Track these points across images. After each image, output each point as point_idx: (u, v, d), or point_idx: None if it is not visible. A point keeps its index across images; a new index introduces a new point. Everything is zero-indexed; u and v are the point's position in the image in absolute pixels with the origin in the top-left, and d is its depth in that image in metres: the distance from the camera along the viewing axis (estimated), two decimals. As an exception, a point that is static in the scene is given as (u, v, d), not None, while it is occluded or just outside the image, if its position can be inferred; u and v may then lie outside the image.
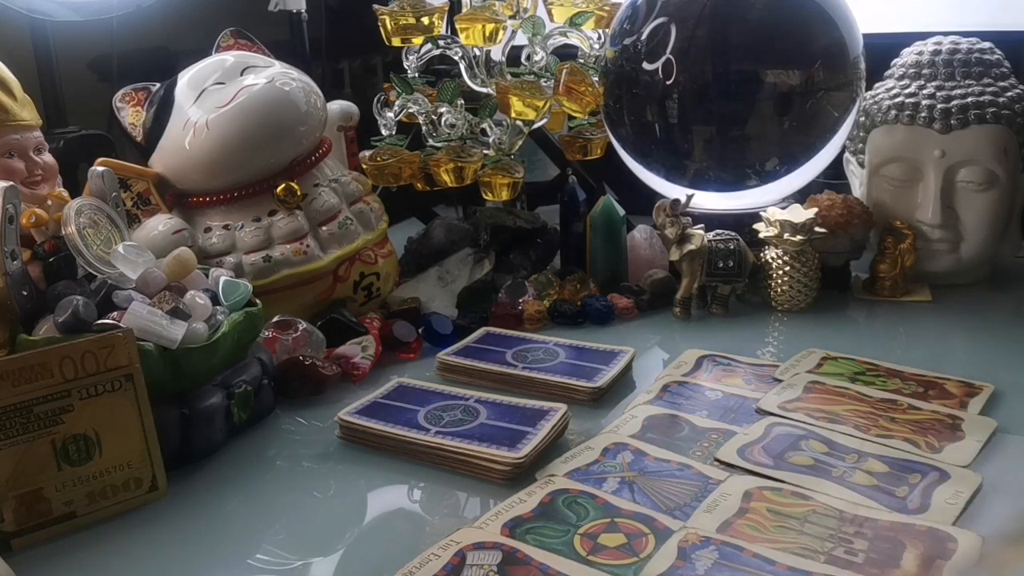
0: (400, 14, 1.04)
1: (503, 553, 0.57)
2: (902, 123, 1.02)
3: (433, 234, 1.11)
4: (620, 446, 0.71)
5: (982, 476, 0.65)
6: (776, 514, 0.62)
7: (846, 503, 0.63)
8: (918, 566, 0.56)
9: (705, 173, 1.07)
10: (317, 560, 0.60)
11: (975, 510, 0.62)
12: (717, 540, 0.59)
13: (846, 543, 0.58)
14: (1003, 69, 1.05)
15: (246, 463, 0.73)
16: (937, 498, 0.63)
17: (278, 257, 0.90)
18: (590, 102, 1.05)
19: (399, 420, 0.74)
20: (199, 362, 0.72)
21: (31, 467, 0.62)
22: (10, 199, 0.69)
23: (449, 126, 1.07)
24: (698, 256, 0.98)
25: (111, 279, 0.73)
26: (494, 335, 0.93)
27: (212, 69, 0.94)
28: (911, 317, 0.98)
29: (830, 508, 0.62)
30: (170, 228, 0.89)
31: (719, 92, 1.03)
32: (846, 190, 1.10)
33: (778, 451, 0.70)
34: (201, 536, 0.64)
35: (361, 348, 0.89)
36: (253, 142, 0.90)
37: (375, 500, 0.68)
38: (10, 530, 0.61)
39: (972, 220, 1.01)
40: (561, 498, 0.64)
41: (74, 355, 0.62)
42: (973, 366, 0.84)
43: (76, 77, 1.33)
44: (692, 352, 0.89)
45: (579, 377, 0.81)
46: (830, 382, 0.81)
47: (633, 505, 0.63)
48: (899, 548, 0.57)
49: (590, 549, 0.58)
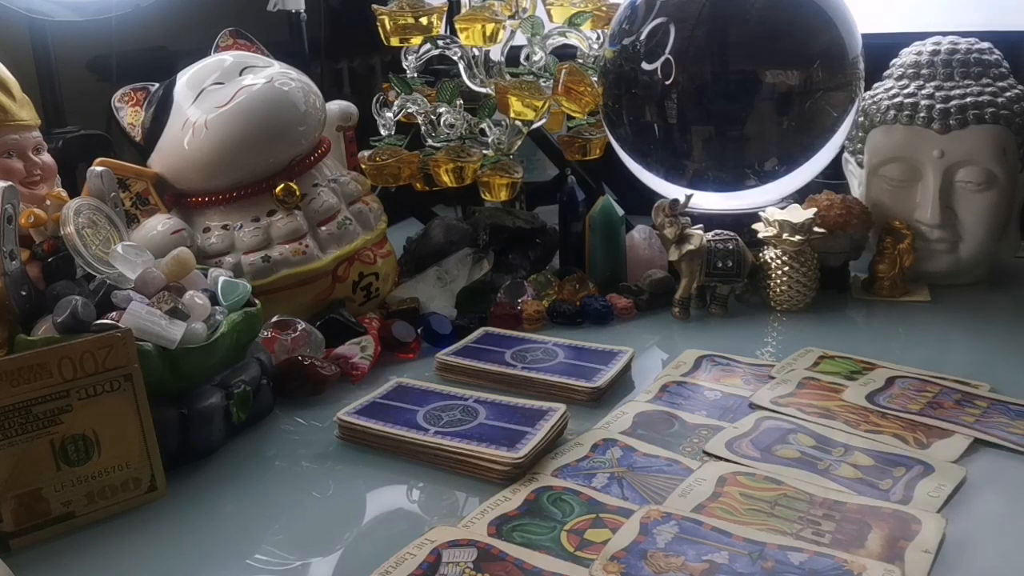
0: (399, 14, 1.04)
1: (478, 550, 0.58)
2: (901, 123, 1.02)
3: (432, 234, 1.11)
4: (609, 442, 0.72)
5: (966, 469, 0.66)
6: (748, 498, 0.63)
7: (817, 487, 0.64)
8: (882, 546, 0.57)
9: (704, 173, 1.07)
10: (316, 560, 0.60)
11: (957, 501, 0.63)
12: (677, 516, 0.60)
13: (814, 524, 0.60)
14: (1002, 69, 1.05)
15: (245, 463, 0.73)
16: (920, 491, 0.64)
17: (277, 257, 0.90)
18: (589, 102, 1.05)
19: (398, 420, 0.74)
20: (198, 362, 0.72)
21: (30, 467, 0.61)
22: (9, 199, 0.69)
23: (448, 126, 1.07)
24: (697, 256, 0.98)
25: (110, 279, 0.73)
26: (493, 335, 0.93)
27: (211, 69, 0.94)
28: (910, 317, 0.98)
29: (801, 492, 0.64)
30: (169, 228, 0.89)
31: (718, 92, 1.03)
32: (845, 190, 1.10)
33: (766, 444, 0.71)
34: (200, 536, 0.64)
35: (360, 348, 0.89)
36: (252, 142, 0.90)
37: (374, 500, 0.68)
38: (9, 530, 0.61)
39: (971, 220, 1.01)
40: (545, 495, 0.65)
41: (73, 355, 0.62)
42: (971, 366, 0.84)
43: (75, 77, 1.33)
44: (691, 352, 0.89)
45: (578, 377, 0.81)
46: (825, 379, 0.81)
47: (619, 500, 0.64)
48: (865, 529, 0.59)
49: (577, 545, 0.59)
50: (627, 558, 0.56)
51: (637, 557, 0.56)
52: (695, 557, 0.56)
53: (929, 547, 0.57)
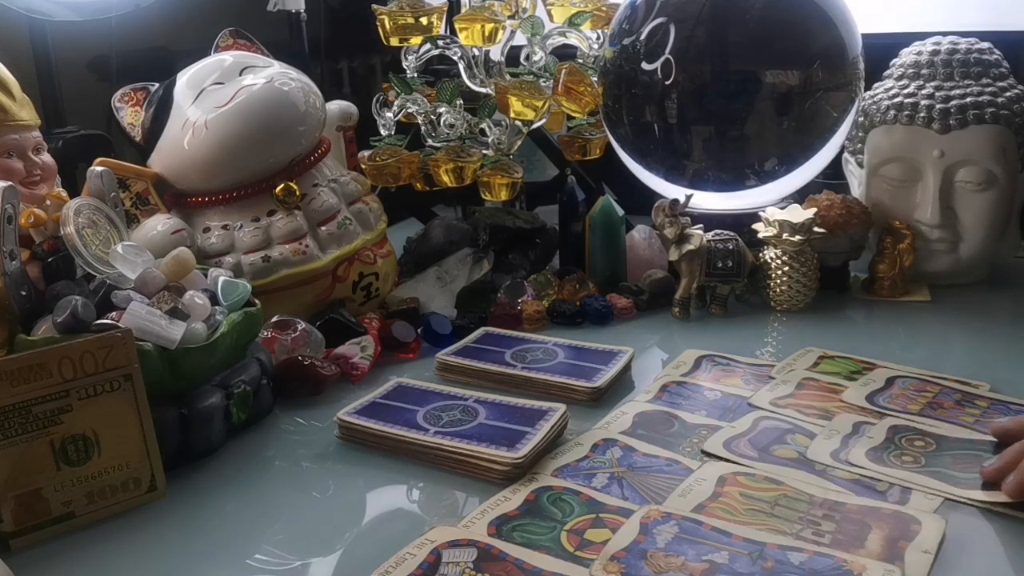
0: (399, 14, 1.04)
1: (478, 550, 0.58)
2: (901, 123, 1.02)
3: (432, 234, 1.11)
4: (609, 442, 0.72)
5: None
6: (748, 498, 0.63)
7: (817, 488, 0.64)
8: (882, 546, 0.57)
9: (704, 173, 1.07)
10: (316, 560, 0.60)
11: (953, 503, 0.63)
12: (678, 516, 0.60)
13: (814, 524, 0.60)
14: (1002, 69, 1.05)
15: (245, 463, 0.73)
16: (916, 492, 0.63)
17: (277, 257, 0.90)
18: (589, 102, 1.05)
19: (398, 420, 0.74)
20: (198, 362, 0.72)
21: (30, 467, 0.61)
22: (9, 199, 0.69)
23: (448, 126, 1.07)
24: (697, 256, 0.98)
25: (110, 279, 0.73)
26: (493, 335, 0.93)
27: (211, 69, 0.94)
28: (910, 317, 0.98)
29: (801, 492, 0.63)
30: (169, 228, 0.89)
31: (718, 92, 1.03)
32: (845, 190, 1.10)
33: (764, 444, 0.71)
34: (200, 536, 0.63)
35: (360, 348, 0.89)
36: (252, 142, 0.90)
37: (374, 500, 0.68)
38: (9, 530, 0.61)
39: (971, 220, 1.01)
40: (545, 495, 0.65)
41: (73, 355, 0.62)
42: (971, 366, 0.84)
43: (75, 77, 1.33)
44: (691, 352, 0.89)
45: (578, 377, 0.81)
46: (825, 379, 0.81)
47: (619, 500, 0.64)
48: (865, 529, 0.59)
49: (577, 545, 0.59)
50: (627, 558, 0.56)
51: (637, 557, 0.56)
52: (695, 557, 0.56)
53: (929, 547, 0.57)
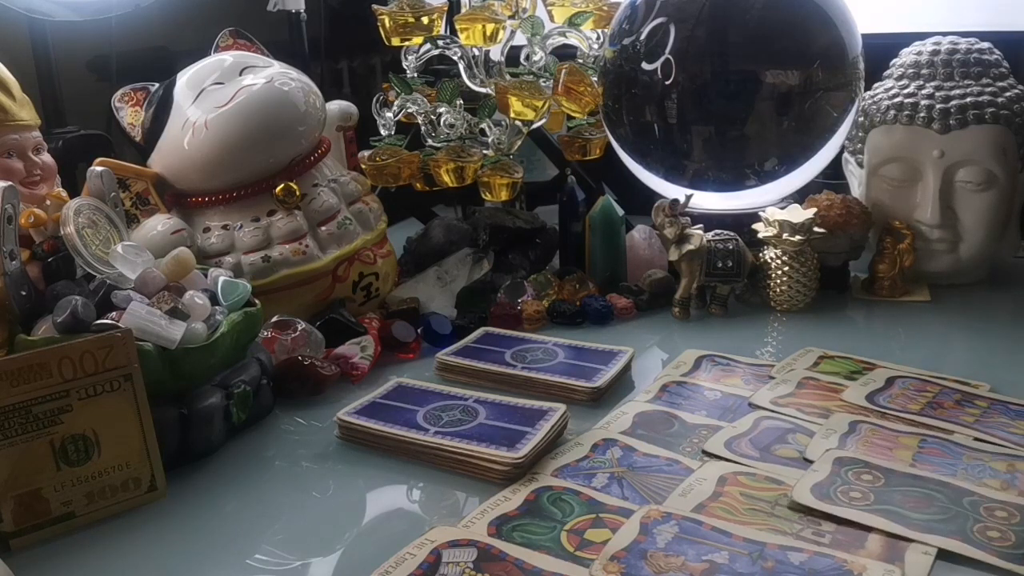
0: (399, 14, 1.04)
1: (478, 550, 0.58)
2: (901, 123, 1.02)
3: (432, 234, 1.11)
4: (609, 442, 0.72)
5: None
6: (749, 497, 0.63)
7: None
8: (882, 546, 0.57)
9: (704, 173, 1.07)
10: (316, 560, 0.60)
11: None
12: (678, 515, 0.60)
13: (814, 524, 0.60)
14: (1002, 69, 1.05)
15: (245, 463, 0.73)
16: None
17: (277, 257, 0.90)
18: (589, 102, 1.05)
19: (398, 420, 0.74)
20: (198, 362, 0.72)
21: (30, 467, 0.61)
22: (9, 199, 0.69)
23: (448, 126, 1.07)
24: (697, 256, 0.98)
25: (110, 279, 0.73)
26: (493, 335, 0.93)
27: (211, 69, 0.94)
28: (910, 317, 0.98)
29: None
30: (169, 228, 0.89)
31: (718, 92, 1.03)
32: (845, 190, 1.10)
33: (764, 444, 0.71)
34: (200, 536, 0.63)
35: (360, 348, 0.89)
36: (252, 142, 0.90)
37: (374, 500, 0.68)
38: (9, 530, 0.61)
39: (971, 220, 1.01)
40: (546, 495, 0.65)
41: (73, 355, 0.62)
42: (971, 366, 0.84)
43: (75, 77, 1.33)
44: (691, 352, 0.89)
45: (578, 377, 0.81)
46: (825, 379, 0.81)
47: (619, 500, 0.64)
48: (865, 531, 0.59)
49: (577, 545, 0.59)
50: (627, 558, 0.56)
51: (637, 557, 0.56)
52: (695, 557, 0.56)
53: (929, 548, 0.57)
